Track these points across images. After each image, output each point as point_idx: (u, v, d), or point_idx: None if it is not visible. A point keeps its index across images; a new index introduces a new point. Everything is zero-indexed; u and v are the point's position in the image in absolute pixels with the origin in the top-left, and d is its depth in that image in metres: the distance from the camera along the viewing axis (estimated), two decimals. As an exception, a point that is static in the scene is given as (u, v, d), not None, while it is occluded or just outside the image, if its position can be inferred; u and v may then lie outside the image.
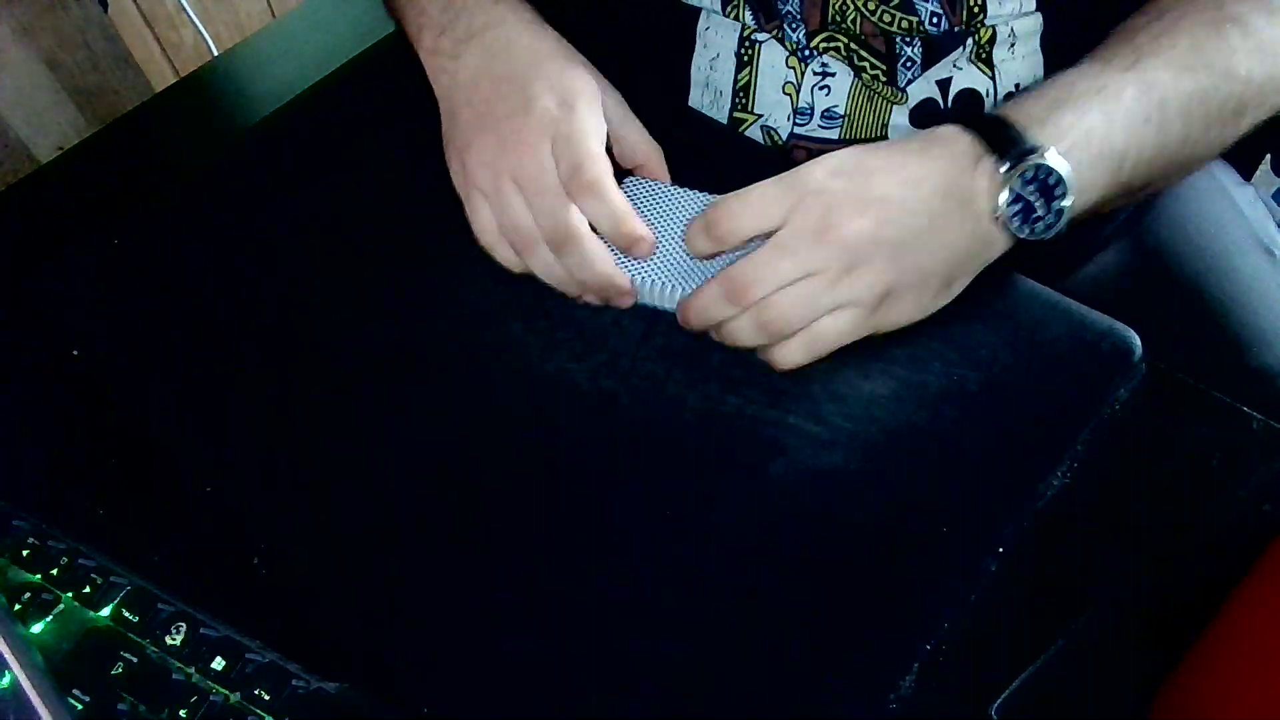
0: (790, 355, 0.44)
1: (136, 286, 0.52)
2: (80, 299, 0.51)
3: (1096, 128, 0.43)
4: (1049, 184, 0.42)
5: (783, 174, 0.43)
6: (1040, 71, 0.57)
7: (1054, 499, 0.43)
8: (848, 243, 0.41)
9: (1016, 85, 0.57)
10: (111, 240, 0.53)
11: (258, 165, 0.57)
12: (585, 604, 0.40)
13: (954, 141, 0.43)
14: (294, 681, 0.38)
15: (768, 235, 0.43)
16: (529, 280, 0.50)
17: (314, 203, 0.55)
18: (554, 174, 0.46)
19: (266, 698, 0.37)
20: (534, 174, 0.46)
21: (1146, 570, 0.41)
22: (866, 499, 0.42)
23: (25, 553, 0.41)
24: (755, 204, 0.42)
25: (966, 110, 0.58)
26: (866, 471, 0.43)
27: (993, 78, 0.57)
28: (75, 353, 0.49)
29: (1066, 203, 0.42)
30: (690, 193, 0.50)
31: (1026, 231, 0.43)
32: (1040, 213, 0.43)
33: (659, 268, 0.47)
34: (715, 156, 0.56)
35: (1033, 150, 0.42)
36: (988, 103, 0.58)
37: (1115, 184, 0.45)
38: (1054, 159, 0.42)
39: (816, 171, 0.42)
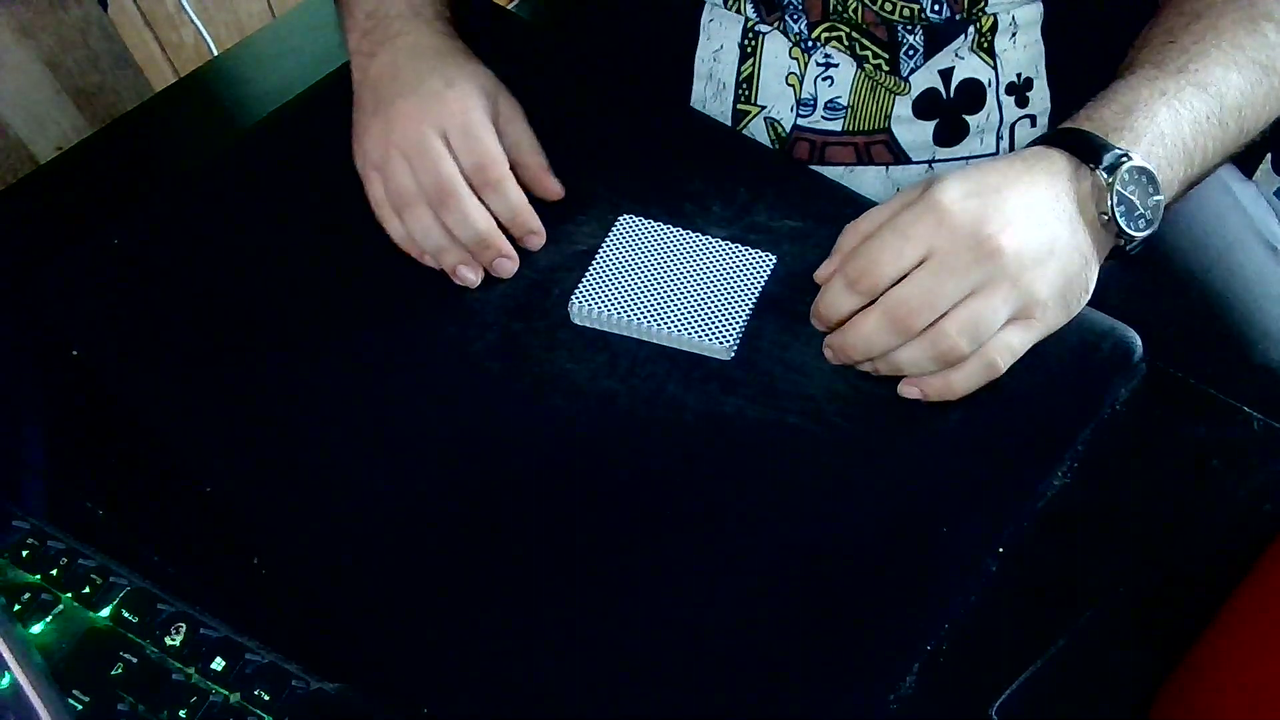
0: (968, 381, 0.43)
1: (136, 286, 0.52)
2: (80, 299, 0.51)
3: (1167, 129, 0.45)
4: (1144, 182, 0.43)
5: (902, 213, 0.43)
6: (1041, 60, 0.58)
7: (1054, 499, 0.43)
8: (1007, 253, 0.41)
9: (1018, 75, 0.58)
10: (111, 240, 0.53)
11: (257, 165, 0.58)
12: (585, 604, 0.40)
13: (1049, 157, 0.44)
14: (294, 681, 0.38)
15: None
16: (532, 281, 0.50)
17: (314, 202, 0.55)
18: (436, 141, 0.50)
19: (266, 698, 0.37)
20: (415, 140, 0.50)
21: (1146, 570, 0.41)
22: (867, 499, 0.42)
23: (25, 553, 0.41)
24: (896, 242, 0.42)
25: (969, 99, 0.58)
26: (867, 472, 0.43)
27: (994, 67, 0.57)
28: (75, 352, 0.49)
29: (1160, 196, 0.44)
30: (683, 232, 0.50)
31: (1133, 227, 0.44)
32: (1140, 210, 0.44)
33: (652, 307, 0.47)
34: (717, 158, 0.56)
35: (1125, 154, 0.43)
36: (989, 92, 0.58)
37: (1187, 180, 0.46)
38: (1141, 160, 0.43)
39: (946, 196, 0.42)
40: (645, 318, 0.47)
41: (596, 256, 0.50)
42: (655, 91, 0.58)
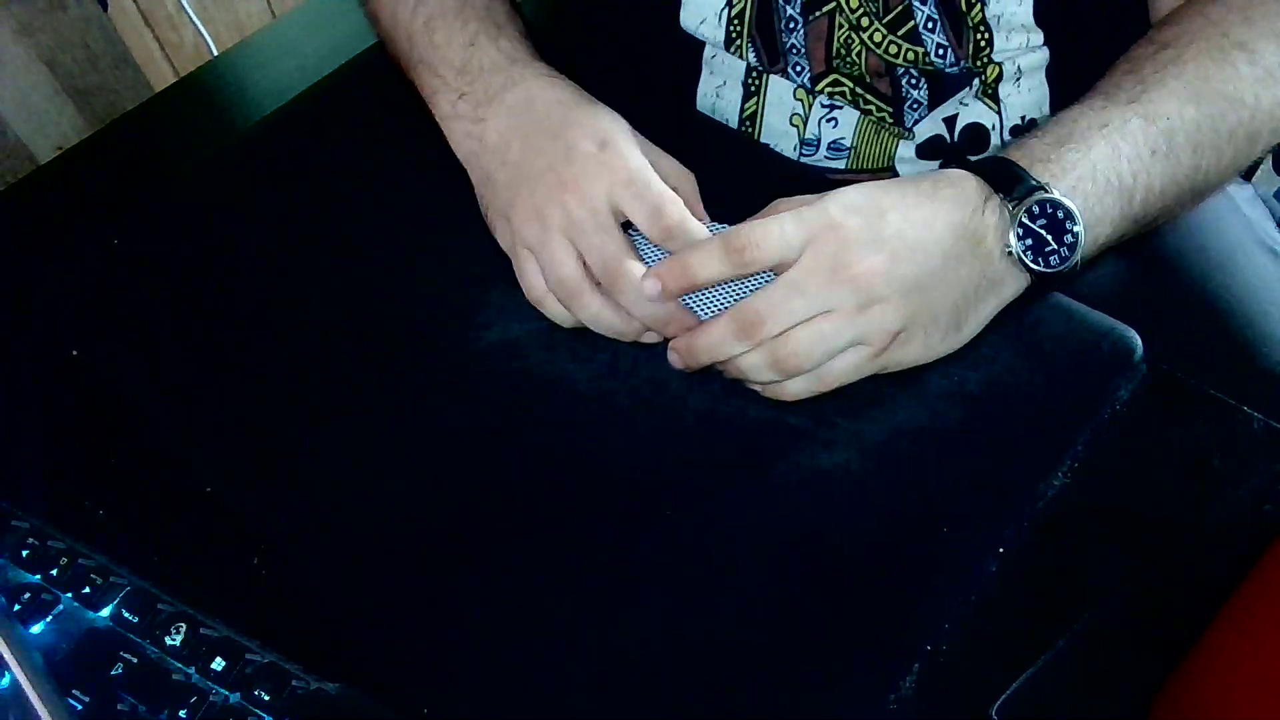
0: (796, 390, 0.44)
1: (136, 286, 0.52)
2: (80, 299, 0.51)
3: (1101, 163, 0.43)
4: (1058, 218, 0.42)
5: (800, 208, 0.42)
6: (1046, 103, 0.57)
7: (1054, 499, 0.42)
8: (860, 281, 0.41)
9: (1022, 118, 0.57)
10: (111, 240, 0.53)
11: (258, 165, 0.57)
12: (584, 604, 0.40)
13: (960, 183, 0.43)
14: (294, 681, 0.38)
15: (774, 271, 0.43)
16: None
17: (314, 203, 0.55)
18: (604, 214, 0.46)
19: (266, 698, 0.37)
20: (581, 218, 0.46)
21: (1146, 570, 0.41)
22: (867, 499, 0.42)
23: (25, 553, 0.41)
24: (774, 234, 0.42)
25: (973, 143, 0.58)
26: (867, 472, 0.43)
27: (998, 112, 0.57)
28: (75, 353, 0.49)
29: (1078, 230, 0.42)
30: (717, 227, 0.49)
31: (1041, 265, 0.43)
32: (1053, 246, 0.43)
33: (697, 305, 0.47)
34: (726, 160, 0.56)
35: (1039, 187, 0.42)
36: (993, 136, 0.58)
37: (1126, 218, 0.45)
38: (1060, 194, 0.42)
39: (831, 208, 0.42)
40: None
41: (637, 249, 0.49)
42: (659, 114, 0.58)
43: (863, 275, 0.41)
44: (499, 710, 0.38)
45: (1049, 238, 0.43)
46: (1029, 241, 0.43)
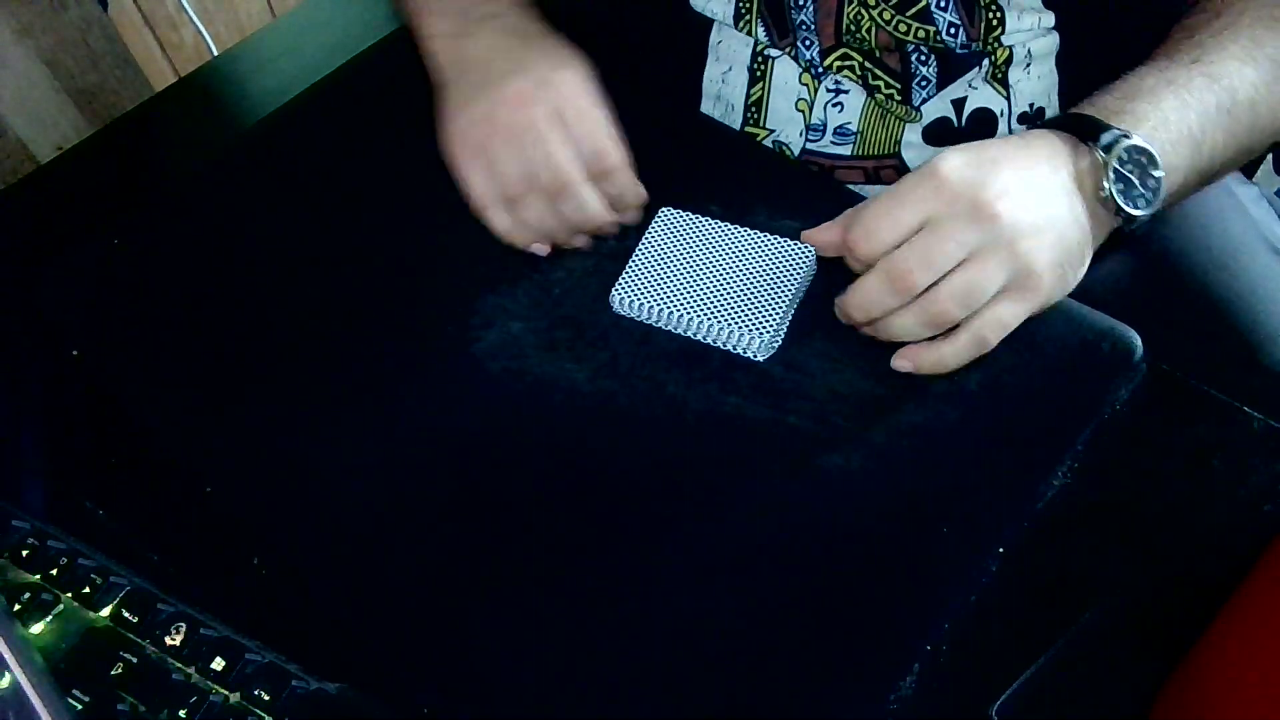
0: (958, 354, 0.44)
1: (136, 286, 0.52)
2: (80, 299, 0.51)
3: (1172, 114, 0.45)
4: (1142, 162, 0.44)
5: (909, 177, 0.43)
6: (1055, 90, 0.57)
7: (1054, 499, 0.42)
8: (1004, 219, 0.42)
9: (1031, 105, 0.57)
10: (111, 240, 0.53)
11: (258, 165, 0.57)
12: (585, 604, 0.40)
13: (1046, 138, 0.45)
14: (294, 681, 0.38)
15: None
16: (531, 281, 0.50)
17: (314, 202, 0.55)
18: (551, 126, 0.48)
19: (266, 698, 0.37)
20: (526, 124, 0.48)
21: (1146, 570, 0.41)
22: (867, 499, 0.42)
23: (25, 553, 0.41)
24: (893, 209, 0.42)
25: (980, 129, 0.58)
26: (867, 472, 0.43)
27: (1007, 97, 0.57)
28: (75, 353, 0.49)
29: (1159, 175, 0.44)
30: (724, 225, 0.50)
31: (1131, 205, 0.44)
32: (1140, 190, 0.44)
33: (692, 300, 0.47)
34: (732, 165, 0.56)
35: (1124, 134, 0.44)
36: (1001, 123, 0.58)
37: (1195, 169, 0.46)
38: (1141, 140, 0.44)
39: (945, 165, 0.43)
40: (686, 312, 0.47)
41: (639, 247, 0.50)
42: (664, 104, 0.58)
43: (1005, 213, 0.42)
44: (499, 710, 0.38)
45: (1136, 181, 0.44)
46: (1120, 185, 0.44)
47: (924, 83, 0.57)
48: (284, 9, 1.54)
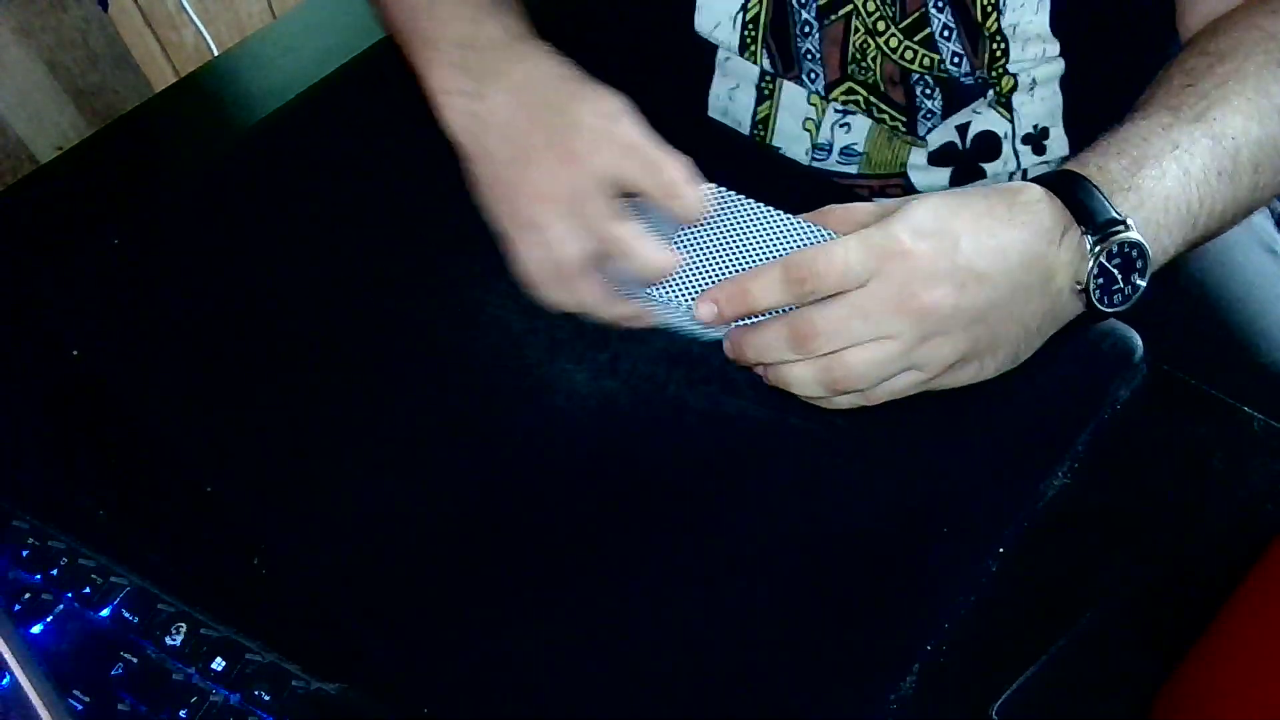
0: (840, 405, 0.43)
1: (136, 286, 0.52)
2: (80, 299, 0.51)
3: (1175, 193, 0.42)
4: (1131, 257, 0.41)
5: (867, 231, 0.41)
6: (1059, 111, 0.57)
7: (1054, 499, 0.42)
8: (927, 314, 0.40)
9: (1035, 126, 0.57)
10: (111, 240, 0.53)
11: (258, 165, 0.57)
12: (585, 605, 0.40)
13: (1039, 209, 0.41)
14: (294, 681, 0.38)
15: None
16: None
17: (314, 203, 0.55)
18: (608, 184, 0.44)
19: (266, 698, 0.37)
20: (585, 187, 0.43)
21: (1146, 570, 0.41)
22: (867, 499, 0.42)
23: (25, 553, 0.41)
24: (839, 264, 0.40)
25: (984, 151, 0.58)
26: (867, 472, 0.43)
27: (1011, 120, 0.57)
28: (75, 353, 0.49)
29: (1143, 282, 0.42)
30: (766, 210, 0.46)
31: (1106, 304, 0.42)
32: (1120, 285, 0.42)
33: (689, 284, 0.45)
34: (737, 168, 0.56)
35: (1120, 223, 0.41)
36: (1005, 145, 0.58)
37: (1186, 241, 0.44)
38: (1137, 233, 0.41)
39: (902, 233, 0.40)
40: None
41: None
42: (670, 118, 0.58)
43: (929, 308, 0.40)
44: (499, 710, 0.38)
45: (1119, 276, 0.42)
46: (1100, 280, 0.41)
47: (929, 115, 0.56)
48: (284, 9, 1.54)
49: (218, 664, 0.38)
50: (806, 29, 0.55)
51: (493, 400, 0.46)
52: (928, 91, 0.55)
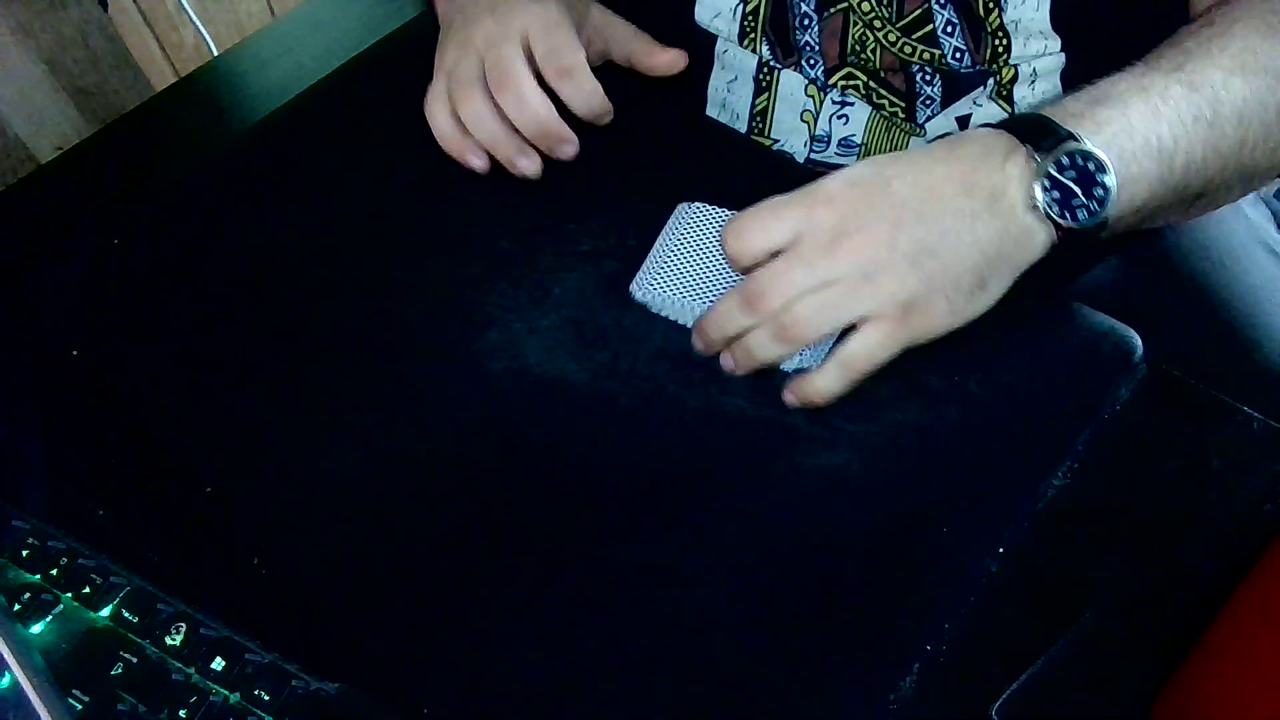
0: (827, 382, 0.43)
1: (136, 286, 0.52)
2: (80, 299, 0.51)
3: (1139, 122, 0.42)
4: (1089, 169, 0.40)
5: (799, 188, 0.42)
6: None
7: (1054, 499, 0.42)
8: (861, 251, 0.40)
9: None
10: (111, 240, 0.53)
11: (258, 165, 0.57)
12: (584, 604, 0.40)
13: (984, 139, 0.42)
14: (294, 681, 0.38)
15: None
16: (531, 281, 0.50)
17: (314, 202, 0.55)
18: (514, 35, 0.50)
19: (266, 698, 0.37)
20: (493, 39, 0.50)
21: (1146, 570, 0.41)
22: (867, 499, 0.42)
23: (25, 553, 0.41)
24: (766, 219, 0.41)
25: None
26: (867, 472, 0.43)
27: (1011, 112, 0.57)
28: (75, 353, 0.49)
29: (1109, 182, 0.41)
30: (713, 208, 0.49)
31: (1068, 218, 0.41)
32: (1081, 199, 0.41)
33: (714, 295, 0.47)
34: (734, 167, 0.56)
35: (1069, 137, 0.40)
36: None
37: (1166, 183, 0.43)
38: (1092, 146, 0.40)
39: (832, 183, 0.41)
40: (705, 306, 0.46)
41: (662, 239, 0.49)
42: (667, 113, 0.58)
43: (863, 245, 0.40)
44: (499, 710, 0.38)
45: (1077, 190, 0.40)
46: (1055, 194, 0.41)
47: (928, 102, 0.56)
48: (284, 9, 1.54)
49: (217, 664, 0.38)
50: (805, 21, 0.55)
51: (492, 400, 0.46)
52: (927, 78, 0.55)
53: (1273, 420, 0.45)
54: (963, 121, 0.57)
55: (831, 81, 0.57)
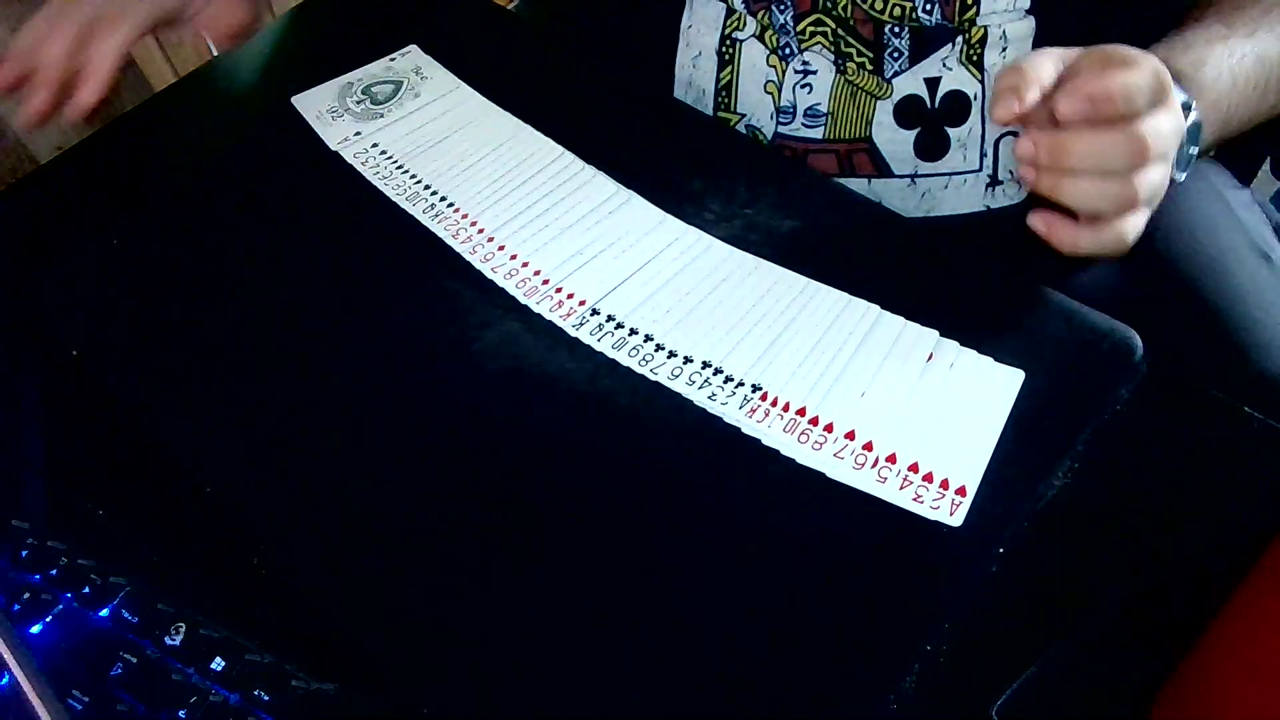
0: (1138, 225, 0.47)
1: (136, 286, 0.52)
2: (80, 299, 0.51)
3: (1224, 92, 0.49)
4: (1194, 135, 0.48)
5: (1131, 56, 0.46)
6: None
7: (1054, 499, 0.42)
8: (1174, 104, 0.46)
9: None
10: (111, 240, 0.53)
11: (257, 165, 0.57)
12: (584, 604, 0.40)
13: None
14: (293, 681, 0.38)
15: None
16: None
17: (314, 202, 0.55)
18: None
19: (266, 698, 0.37)
20: None
21: (1146, 570, 0.41)
22: (867, 498, 0.42)
23: (25, 553, 0.41)
24: (1142, 81, 0.44)
25: (953, 111, 0.58)
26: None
27: (982, 81, 0.57)
28: (75, 353, 0.49)
29: (1194, 151, 0.48)
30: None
31: (1180, 169, 0.48)
32: (1186, 154, 0.48)
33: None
34: (700, 150, 0.56)
35: (1189, 107, 0.47)
36: (974, 105, 0.58)
37: (1214, 141, 0.50)
38: (1198, 116, 0.48)
39: (1159, 64, 0.46)
40: None
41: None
42: (636, 94, 0.59)
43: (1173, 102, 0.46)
44: (499, 710, 0.38)
45: (1185, 146, 0.48)
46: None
47: (896, 54, 0.57)
48: (283, 9, 1.54)
49: (217, 664, 0.38)
50: None
51: (491, 399, 0.46)
52: (896, 30, 0.56)
53: (1273, 420, 0.45)
54: (931, 84, 0.58)
55: (800, 28, 0.57)
